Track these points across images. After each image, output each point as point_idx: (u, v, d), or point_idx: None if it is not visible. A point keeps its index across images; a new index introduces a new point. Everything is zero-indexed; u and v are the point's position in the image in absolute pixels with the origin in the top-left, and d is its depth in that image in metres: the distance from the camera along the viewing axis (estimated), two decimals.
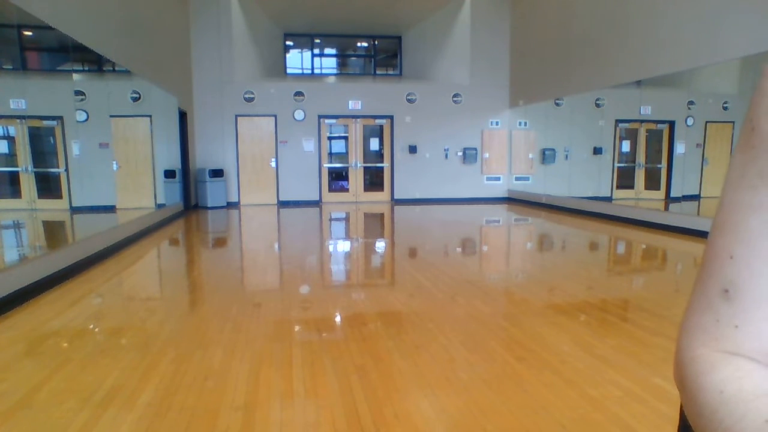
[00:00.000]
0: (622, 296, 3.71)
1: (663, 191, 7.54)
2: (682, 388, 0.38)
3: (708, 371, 0.36)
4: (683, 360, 0.39)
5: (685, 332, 0.39)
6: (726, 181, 0.38)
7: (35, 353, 2.58)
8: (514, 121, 11.11)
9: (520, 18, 10.63)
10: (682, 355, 0.39)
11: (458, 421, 1.90)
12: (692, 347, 0.38)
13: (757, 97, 0.36)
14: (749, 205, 0.35)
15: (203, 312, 3.38)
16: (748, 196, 0.35)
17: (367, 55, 12.35)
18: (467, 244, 6.38)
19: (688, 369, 0.38)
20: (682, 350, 0.39)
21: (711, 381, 0.35)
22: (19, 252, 4.15)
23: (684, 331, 0.39)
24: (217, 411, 1.97)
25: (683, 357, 0.39)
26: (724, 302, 0.36)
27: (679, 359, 0.39)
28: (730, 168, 0.38)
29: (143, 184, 7.09)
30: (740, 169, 0.37)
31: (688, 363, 0.38)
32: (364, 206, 10.44)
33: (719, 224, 0.37)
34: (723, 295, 0.36)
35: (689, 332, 0.38)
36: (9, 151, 4.21)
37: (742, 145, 0.37)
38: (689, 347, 0.38)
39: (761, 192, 0.35)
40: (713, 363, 0.36)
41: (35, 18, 4.00)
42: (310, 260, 5.18)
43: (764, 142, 0.35)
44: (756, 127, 0.36)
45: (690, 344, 0.38)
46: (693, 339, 0.38)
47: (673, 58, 6.43)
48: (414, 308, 3.35)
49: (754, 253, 0.34)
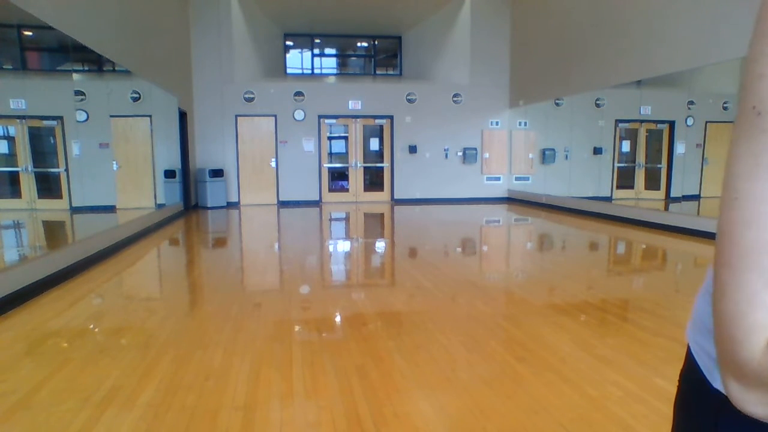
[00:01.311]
0: (622, 296, 3.71)
1: (663, 191, 7.54)
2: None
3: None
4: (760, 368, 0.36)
5: (738, 343, 0.36)
6: (732, 176, 0.36)
7: (35, 353, 2.58)
8: (514, 121, 11.10)
9: (520, 18, 10.63)
10: (754, 365, 0.36)
11: (458, 421, 1.90)
12: (763, 349, 0.35)
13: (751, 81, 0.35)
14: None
15: (203, 312, 3.38)
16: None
17: (367, 55, 12.35)
18: (467, 244, 6.38)
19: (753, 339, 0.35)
20: (750, 362, 0.36)
21: None
22: (19, 252, 4.15)
23: (735, 343, 0.37)
24: (217, 411, 1.97)
25: (757, 365, 0.36)
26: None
27: (753, 373, 0.36)
28: (733, 162, 0.36)
29: (143, 184, 7.09)
30: (752, 159, 0.35)
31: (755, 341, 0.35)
32: (364, 206, 10.44)
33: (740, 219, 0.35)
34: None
35: (743, 341, 0.36)
36: (9, 151, 4.21)
37: (746, 134, 0.35)
38: (758, 352, 0.36)
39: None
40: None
41: (35, 18, 4.00)
42: (310, 260, 5.18)
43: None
44: (762, 111, 0.34)
45: (757, 348, 0.36)
46: (755, 342, 0.36)
47: (673, 58, 6.43)
48: (414, 308, 3.35)
49: None
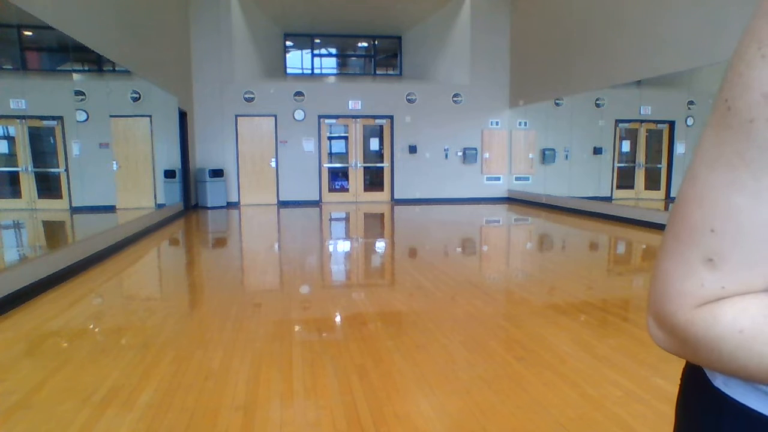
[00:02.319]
0: (622, 296, 3.71)
1: (663, 191, 7.54)
2: (693, 347, 0.40)
3: (713, 321, 0.38)
4: (678, 323, 0.40)
5: (668, 299, 0.41)
6: (697, 158, 0.39)
7: (35, 353, 2.58)
8: (514, 121, 11.10)
9: (520, 18, 10.63)
10: (674, 321, 0.41)
11: (458, 421, 1.90)
12: (683, 310, 0.40)
13: (730, 75, 0.37)
14: (730, 183, 0.37)
15: (203, 312, 3.38)
16: (727, 174, 0.37)
17: (367, 55, 12.35)
18: (467, 244, 6.38)
19: (691, 328, 0.39)
20: (672, 315, 0.41)
21: (723, 326, 0.37)
22: (19, 252, 4.15)
23: (666, 299, 0.41)
24: (217, 411, 1.97)
25: (676, 321, 0.40)
26: (710, 270, 0.38)
27: (671, 325, 0.41)
28: (701, 145, 0.39)
29: (143, 184, 7.09)
30: (716, 149, 0.38)
31: (688, 323, 0.40)
32: (364, 206, 10.44)
33: (694, 199, 0.39)
34: (707, 264, 0.38)
35: (673, 298, 0.41)
36: (9, 151, 4.21)
37: (715, 124, 0.38)
38: (679, 310, 0.40)
39: (741, 172, 0.36)
40: (712, 312, 0.38)
41: (35, 18, 4.00)
42: (310, 260, 5.18)
43: (742, 123, 0.36)
44: (732, 107, 0.37)
45: (679, 308, 0.40)
46: (680, 304, 0.40)
47: (673, 58, 6.43)
48: (414, 308, 3.36)
49: (738, 227, 0.37)
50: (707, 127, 0.39)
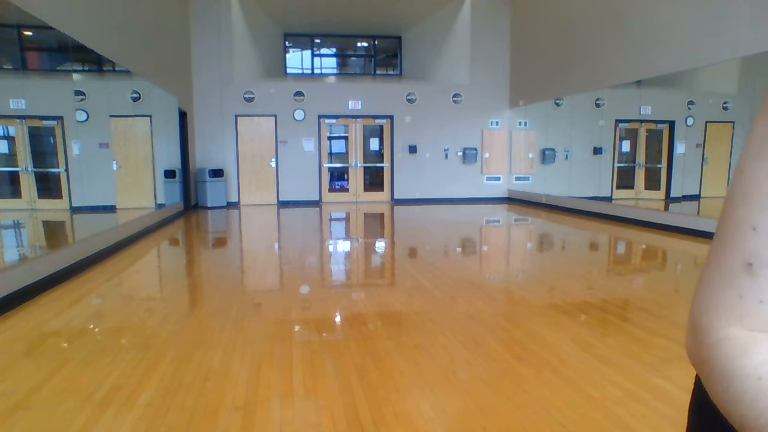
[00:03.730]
0: (622, 296, 3.71)
1: (663, 191, 7.54)
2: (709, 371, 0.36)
3: (740, 355, 0.34)
4: (707, 341, 0.36)
5: (704, 311, 0.37)
6: (745, 151, 0.37)
7: (35, 353, 2.58)
8: (514, 121, 11.10)
9: (520, 18, 10.63)
10: (704, 337, 0.36)
11: (458, 421, 1.90)
12: (716, 328, 0.36)
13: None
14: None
15: (203, 312, 3.38)
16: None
17: (367, 55, 12.35)
18: (467, 244, 6.38)
19: (715, 352, 0.35)
20: (704, 331, 0.36)
21: (746, 366, 0.33)
22: (19, 252, 4.15)
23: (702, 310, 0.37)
24: (217, 411, 1.97)
25: (706, 338, 0.36)
26: (748, 277, 0.34)
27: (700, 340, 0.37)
28: (750, 138, 0.37)
29: (143, 184, 7.09)
30: (763, 139, 0.35)
31: (714, 345, 0.35)
32: (364, 206, 10.44)
33: (738, 194, 0.35)
34: (746, 269, 0.34)
35: (709, 311, 0.36)
36: (9, 151, 4.21)
37: (764, 115, 0.36)
38: (712, 328, 0.36)
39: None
40: (744, 346, 0.34)
41: (35, 18, 4.00)
42: (310, 260, 5.18)
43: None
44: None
45: (713, 324, 0.36)
46: (715, 318, 0.36)
47: (673, 58, 6.43)
48: (414, 308, 3.35)
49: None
50: (756, 121, 0.37)
